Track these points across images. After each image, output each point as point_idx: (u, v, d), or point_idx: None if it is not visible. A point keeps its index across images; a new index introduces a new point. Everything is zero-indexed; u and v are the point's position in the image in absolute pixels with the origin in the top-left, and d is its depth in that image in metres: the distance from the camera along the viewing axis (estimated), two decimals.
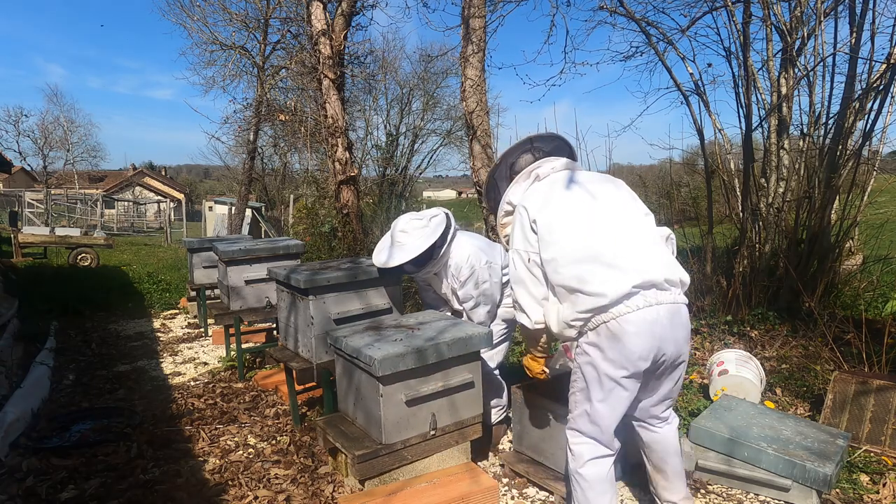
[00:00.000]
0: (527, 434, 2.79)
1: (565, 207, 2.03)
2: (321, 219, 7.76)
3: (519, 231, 2.06)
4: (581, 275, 1.90)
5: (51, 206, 22.56)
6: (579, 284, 1.90)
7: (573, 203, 2.04)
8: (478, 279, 2.89)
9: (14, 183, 33.16)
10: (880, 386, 2.97)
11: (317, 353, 3.03)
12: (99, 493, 2.64)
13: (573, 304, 1.93)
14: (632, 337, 1.85)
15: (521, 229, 2.06)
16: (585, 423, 2.03)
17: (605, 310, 1.86)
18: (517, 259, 2.07)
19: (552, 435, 2.63)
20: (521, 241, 2.06)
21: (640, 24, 5.67)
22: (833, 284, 4.68)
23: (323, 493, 2.63)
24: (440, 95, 18.18)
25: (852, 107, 4.34)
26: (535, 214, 2.03)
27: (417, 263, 2.83)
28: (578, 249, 1.93)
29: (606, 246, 1.92)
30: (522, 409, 2.79)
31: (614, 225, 1.98)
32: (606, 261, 1.90)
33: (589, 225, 1.97)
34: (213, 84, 11.41)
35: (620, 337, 1.86)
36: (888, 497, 2.54)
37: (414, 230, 2.85)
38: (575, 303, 1.92)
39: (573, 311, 1.92)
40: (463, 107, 5.44)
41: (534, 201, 2.08)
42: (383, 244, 3.00)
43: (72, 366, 4.69)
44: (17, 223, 12.48)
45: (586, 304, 1.88)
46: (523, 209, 2.07)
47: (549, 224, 2.00)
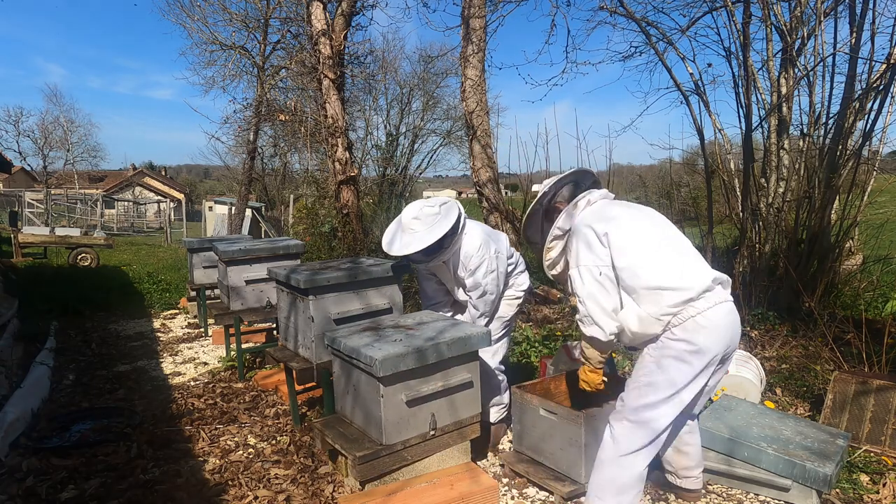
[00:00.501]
0: (527, 434, 2.78)
1: (632, 220, 2.22)
2: (321, 219, 7.76)
3: (585, 248, 2.17)
4: (664, 273, 2.07)
5: (51, 206, 22.57)
6: (664, 282, 2.06)
7: (637, 217, 2.25)
8: (487, 268, 2.88)
9: (14, 183, 33.16)
10: (880, 386, 2.97)
11: (317, 353, 3.03)
12: (99, 493, 2.64)
13: (658, 302, 2.06)
14: (718, 330, 2.06)
15: (588, 246, 2.16)
16: (642, 414, 2.12)
17: (691, 303, 2.04)
18: (586, 274, 2.15)
19: (552, 435, 2.63)
20: (589, 256, 2.15)
21: (640, 24, 5.68)
22: (833, 284, 4.68)
23: (323, 493, 2.63)
24: (440, 95, 18.21)
25: (852, 107, 4.34)
26: (604, 229, 2.16)
27: (428, 252, 2.78)
28: (655, 253, 2.12)
29: (679, 250, 2.17)
30: (523, 409, 2.78)
31: (675, 234, 2.24)
32: (683, 261, 2.13)
33: (657, 233, 2.19)
34: (213, 84, 11.42)
35: (708, 330, 2.04)
36: (888, 497, 2.54)
37: (426, 217, 2.79)
38: (659, 300, 2.06)
39: (660, 307, 2.06)
40: (463, 107, 5.44)
41: (597, 219, 2.21)
42: (393, 232, 2.93)
43: (72, 366, 4.69)
44: (17, 223, 12.48)
45: (674, 299, 2.04)
46: (587, 228, 2.18)
47: (621, 234, 2.14)
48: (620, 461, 2.16)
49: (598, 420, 2.48)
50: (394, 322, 2.79)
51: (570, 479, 2.57)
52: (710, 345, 2.05)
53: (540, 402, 2.68)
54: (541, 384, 2.94)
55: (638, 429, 2.14)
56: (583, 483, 2.48)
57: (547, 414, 2.64)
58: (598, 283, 2.14)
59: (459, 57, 5.54)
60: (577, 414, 2.48)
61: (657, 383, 2.11)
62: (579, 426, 2.47)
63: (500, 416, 3.20)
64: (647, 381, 2.13)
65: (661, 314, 2.06)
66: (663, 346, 2.10)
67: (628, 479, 2.16)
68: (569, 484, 2.55)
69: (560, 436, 2.58)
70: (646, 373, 2.14)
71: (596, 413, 2.51)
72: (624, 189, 16.46)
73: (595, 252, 2.14)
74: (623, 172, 14.63)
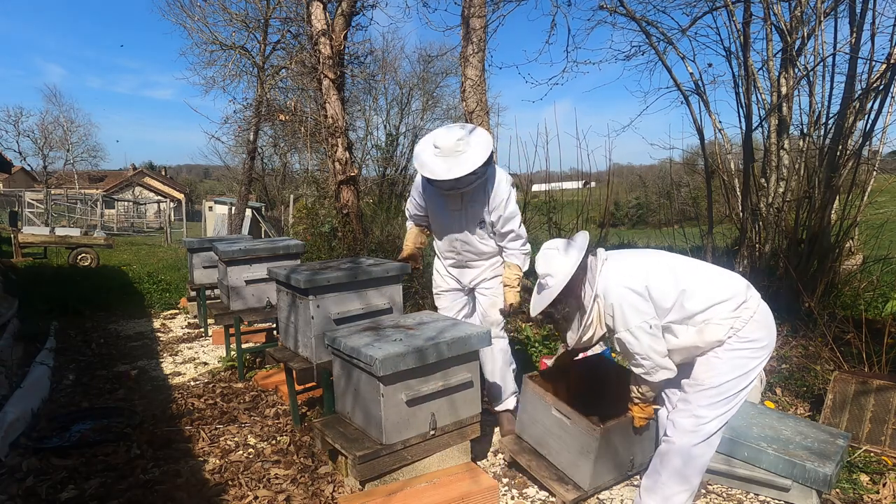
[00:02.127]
0: (532, 424, 2.74)
1: (655, 263, 2.29)
2: (321, 219, 7.76)
3: (630, 309, 2.18)
4: (711, 291, 2.18)
5: (51, 206, 22.56)
6: (715, 297, 2.17)
7: (655, 257, 2.34)
8: (514, 215, 2.88)
9: (14, 183, 33.15)
10: (880, 386, 2.97)
11: (317, 353, 3.03)
12: (99, 493, 2.64)
13: (717, 314, 2.16)
14: (771, 324, 2.23)
15: (633, 306, 2.18)
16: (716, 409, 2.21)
17: (744, 305, 2.16)
18: (640, 333, 2.18)
19: (561, 437, 2.59)
20: (636, 314, 2.18)
21: (641, 24, 5.68)
22: (833, 284, 4.68)
23: (323, 493, 2.63)
24: (440, 95, 18.20)
25: (852, 107, 4.34)
26: (641, 283, 2.20)
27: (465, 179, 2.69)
28: (694, 280, 2.21)
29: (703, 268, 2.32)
30: (532, 401, 2.73)
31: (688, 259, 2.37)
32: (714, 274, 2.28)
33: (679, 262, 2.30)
34: (213, 84, 11.42)
35: (766, 325, 2.21)
36: (888, 497, 2.54)
37: (466, 137, 2.72)
38: (717, 314, 2.16)
39: (722, 314, 2.16)
40: (463, 107, 5.44)
41: (626, 276, 2.23)
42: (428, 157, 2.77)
43: (72, 366, 4.69)
44: (17, 223, 12.47)
45: (730, 307, 2.16)
46: (624, 289, 2.20)
47: (659, 279, 2.21)
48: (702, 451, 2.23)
49: (613, 433, 2.49)
50: (394, 322, 2.79)
51: (573, 484, 2.53)
52: (770, 339, 2.23)
53: (553, 401, 2.63)
54: (551, 373, 2.90)
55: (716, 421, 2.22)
56: (586, 491, 2.48)
57: (559, 416, 2.59)
58: (651, 336, 2.19)
59: (459, 57, 5.54)
60: (594, 427, 2.44)
61: (730, 384, 2.19)
62: (595, 439, 2.43)
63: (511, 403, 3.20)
64: (718, 380, 2.19)
65: (723, 318, 2.16)
66: (733, 348, 2.18)
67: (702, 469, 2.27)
68: (573, 489, 2.51)
69: (571, 441, 2.54)
70: (716, 373, 2.20)
71: (612, 427, 2.48)
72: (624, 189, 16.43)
73: (641, 309, 2.18)
74: (623, 172, 14.65)
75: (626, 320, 2.19)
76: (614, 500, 2.61)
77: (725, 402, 2.22)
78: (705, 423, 2.21)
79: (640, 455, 2.67)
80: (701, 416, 2.21)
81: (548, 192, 7.23)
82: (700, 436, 2.21)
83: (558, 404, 2.61)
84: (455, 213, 2.95)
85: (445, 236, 3.08)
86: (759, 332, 2.19)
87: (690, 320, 2.19)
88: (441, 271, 3.24)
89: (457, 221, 2.97)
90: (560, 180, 7.93)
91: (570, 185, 7.74)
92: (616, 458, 2.57)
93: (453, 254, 3.11)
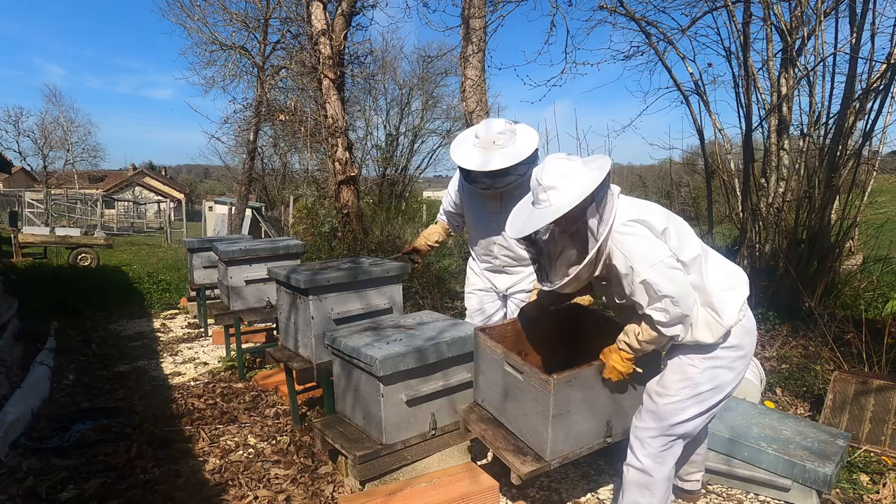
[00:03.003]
0: (489, 387, 2.32)
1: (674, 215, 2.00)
2: (321, 219, 7.77)
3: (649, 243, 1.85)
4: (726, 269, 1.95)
5: (51, 206, 22.56)
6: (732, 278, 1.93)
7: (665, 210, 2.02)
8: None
9: (14, 183, 33.15)
10: (880, 386, 2.97)
11: (317, 353, 3.03)
12: (99, 493, 2.64)
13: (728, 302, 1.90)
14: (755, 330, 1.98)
15: (651, 241, 1.85)
16: (685, 428, 2.03)
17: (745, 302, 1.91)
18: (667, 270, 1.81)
19: (517, 397, 2.17)
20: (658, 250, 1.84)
21: (640, 24, 5.68)
22: (833, 284, 4.68)
23: (323, 493, 2.63)
24: (440, 95, 18.19)
25: (852, 107, 4.34)
26: (663, 223, 1.91)
27: (502, 175, 2.54)
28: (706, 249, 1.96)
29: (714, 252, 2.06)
30: (483, 356, 2.31)
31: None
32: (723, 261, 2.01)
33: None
34: (213, 84, 11.41)
35: (751, 331, 1.96)
36: (888, 497, 2.54)
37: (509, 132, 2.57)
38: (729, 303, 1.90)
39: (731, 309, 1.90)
40: (463, 107, 5.44)
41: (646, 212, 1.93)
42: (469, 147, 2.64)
43: (72, 366, 4.68)
44: (17, 223, 12.47)
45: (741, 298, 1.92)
46: (638, 224, 1.87)
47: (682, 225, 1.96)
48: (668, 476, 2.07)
49: (574, 387, 2.03)
50: (394, 322, 2.79)
51: (532, 455, 2.12)
52: (751, 347, 1.99)
53: (504, 354, 2.18)
54: (511, 326, 2.44)
55: (676, 443, 2.05)
56: (548, 461, 2.07)
57: (512, 371, 2.15)
58: (678, 274, 1.82)
59: (459, 57, 5.54)
60: (545, 378, 1.98)
61: (703, 395, 1.99)
62: (548, 393, 1.98)
63: None
64: (689, 393, 1.99)
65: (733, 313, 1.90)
66: (714, 356, 1.96)
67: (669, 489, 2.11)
68: (531, 461, 2.09)
69: (527, 401, 2.11)
70: (690, 384, 1.99)
71: (573, 378, 2.02)
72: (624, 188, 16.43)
73: (658, 246, 1.84)
74: (623, 172, 14.64)
75: (647, 256, 1.81)
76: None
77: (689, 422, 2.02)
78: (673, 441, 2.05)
79: (621, 419, 2.23)
80: (669, 434, 2.03)
81: None
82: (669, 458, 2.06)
83: (509, 356, 2.17)
84: (494, 216, 2.75)
85: (483, 240, 2.89)
86: (746, 339, 2.00)
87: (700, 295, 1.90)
88: (475, 269, 3.06)
89: (496, 224, 2.75)
90: None
91: None
92: (585, 421, 2.12)
93: (490, 258, 2.92)
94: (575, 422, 2.08)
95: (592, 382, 2.10)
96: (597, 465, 2.89)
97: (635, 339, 1.96)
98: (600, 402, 2.14)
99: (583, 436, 2.13)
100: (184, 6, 10.94)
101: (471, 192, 2.83)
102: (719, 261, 2.02)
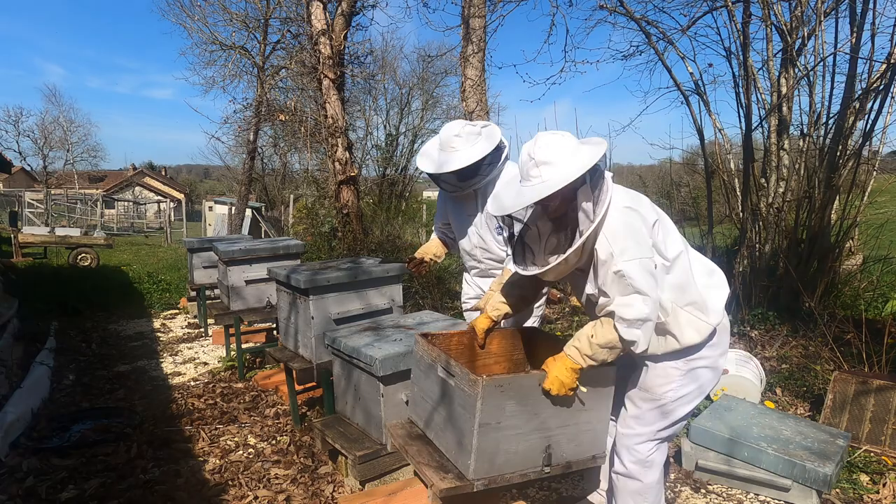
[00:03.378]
0: (422, 399, 2.02)
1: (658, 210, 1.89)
2: (321, 219, 7.78)
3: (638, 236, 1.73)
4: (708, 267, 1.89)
5: (51, 206, 22.56)
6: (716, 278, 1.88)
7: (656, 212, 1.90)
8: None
9: (14, 183, 33.15)
10: (880, 386, 2.97)
11: (317, 353, 3.03)
12: (99, 493, 2.64)
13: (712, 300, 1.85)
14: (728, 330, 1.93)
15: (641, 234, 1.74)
16: (671, 431, 1.98)
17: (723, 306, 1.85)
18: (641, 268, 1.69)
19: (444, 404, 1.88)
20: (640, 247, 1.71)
21: (640, 24, 5.68)
22: (833, 284, 4.68)
23: (323, 493, 2.63)
24: (440, 95, 18.21)
25: (852, 107, 4.34)
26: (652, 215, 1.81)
27: (463, 177, 2.59)
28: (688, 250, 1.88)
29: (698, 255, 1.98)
30: (423, 363, 2.00)
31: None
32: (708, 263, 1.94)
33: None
34: (213, 84, 11.43)
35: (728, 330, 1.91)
36: (888, 497, 2.54)
37: (468, 136, 2.60)
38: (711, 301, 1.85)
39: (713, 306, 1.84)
40: (463, 107, 5.44)
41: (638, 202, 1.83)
42: (430, 150, 2.71)
43: (72, 366, 4.69)
44: (17, 223, 12.47)
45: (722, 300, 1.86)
46: (631, 211, 1.76)
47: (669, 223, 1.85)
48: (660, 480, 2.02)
49: (507, 395, 1.71)
50: (394, 322, 2.79)
51: (455, 472, 1.79)
52: (728, 345, 1.97)
53: (439, 356, 1.89)
54: (458, 337, 2.13)
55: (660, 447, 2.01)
56: (471, 480, 1.73)
57: (444, 375, 1.85)
58: (653, 278, 1.71)
59: (459, 57, 5.55)
60: (473, 378, 1.68)
61: (687, 397, 1.94)
62: (475, 396, 1.67)
63: None
64: (674, 395, 1.92)
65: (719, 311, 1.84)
66: (698, 357, 1.90)
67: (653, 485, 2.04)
68: (451, 478, 1.76)
69: (455, 410, 1.80)
70: (674, 387, 1.91)
71: (505, 383, 1.70)
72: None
73: (644, 243, 1.73)
74: (623, 172, 14.63)
75: (634, 247, 1.71)
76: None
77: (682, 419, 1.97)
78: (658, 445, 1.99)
79: (562, 449, 1.84)
80: (655, 438, 1.98)
81: None
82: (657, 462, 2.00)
83: (443, 358, 1.86)
84: (471, 219, 2.80)
85: (465, 243, 2.91)
86: (724, 334, 1.96)
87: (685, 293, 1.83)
88: (468, 279, 3.07)
89: (474, 227, 2.81)
90: None
91: None
92: (518, 440, 1.77)
93: (475, 262, 2.93)
94: (506, 438, 1.75)
95: (530, 394, 1.75)
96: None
97: (587, 343, 1.74)
98: (539, 421, 1.78)
99: (515, 458, 1.77)
100: (184, 6, 10.97)
101: (448, 198, 2.89)
102: (700, 258, 1.97)
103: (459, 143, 2.57)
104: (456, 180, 2.63)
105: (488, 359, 2.18)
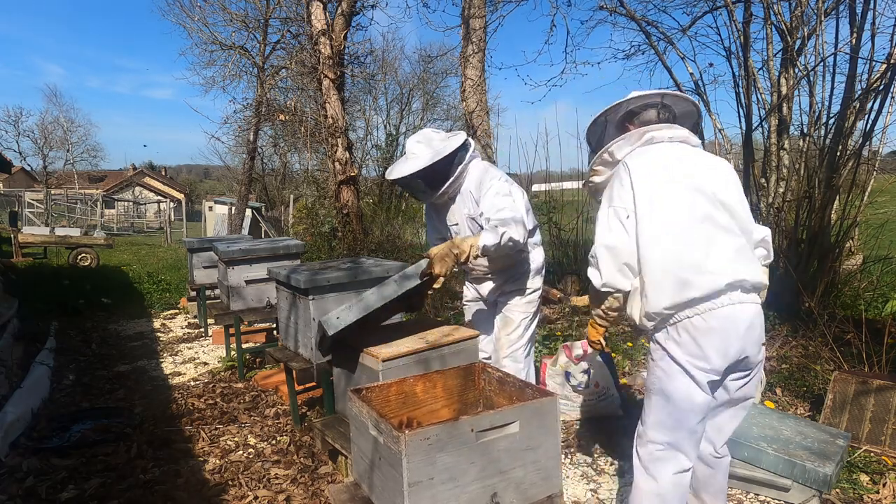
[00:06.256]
0: (361, 458, 1.89)
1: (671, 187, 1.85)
2: (321, 219, 7.78)
3: (619, 187, 1.88)
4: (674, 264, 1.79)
5: (51, 206, 22.57)
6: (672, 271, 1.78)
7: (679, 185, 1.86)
8: (499, 190, 2.60)
9: (14, 183, 33.16)
10: (880, 386, 2.97)
11: (317, 353, 3.03)
12: (99, 493, 2.64)
13: (658, 294, 1.79)
14: (715, 333, 1.77)
15: (621, 185, 1.88)
16: (663, 431, 1.86)
17: (691, 305, 1.76)
18: (613, 217, 1.86)
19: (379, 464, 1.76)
20: (620, 199, 1.87)
21: (641, 24, 5.68)
22: (833, 284, 4.68)
23: (323, 493, 2.64)
24: (440, 95, 18.24)
25: (852, 107, 4.34)
26: (639, 182, 1.85)
27: (431, 182, 2.62)
28: (674, 235, 1.80)
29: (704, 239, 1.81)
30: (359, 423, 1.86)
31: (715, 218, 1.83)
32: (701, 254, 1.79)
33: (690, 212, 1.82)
34: (213, 84, 11.44)
35: (702, 332, 1.77)
36: (888, 497, 2.54)
37: (428, 141, 2.66)
38: (660, 293, 1.79)
39: (659, 301, 1.79)
40: (463, 107, 5.45)
41: (640, 165, 1.88)
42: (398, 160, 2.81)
43: (72, 366, 4.69)
44: (17, 223, 12.48)
45: (674, 299, 1.77)
46: (626, 170, 1.88)
47: (649, 198, 1.83)
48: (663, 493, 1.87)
49: (437, 447, 1.58)
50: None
51: None
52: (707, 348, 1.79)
53: (369, 413, 1.75)
54: (396, 386, 2.00)
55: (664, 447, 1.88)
56: None
57: (375, 433, 1.72)
58: (623, 227, 1.84)
59: (459, 57, 5.55)
60: (396, 434, 1.56)
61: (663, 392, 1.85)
62: (399, 454, 1.56)
63: None
64: (655, 388, 1.86)
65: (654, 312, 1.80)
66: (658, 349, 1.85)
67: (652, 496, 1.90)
68: None
69: (387, 469, 1.67)
70: (651, 381, 1.88)
71: (431, 435, 1.57)
72: None
73: (623, 198, 1.86)
74: None
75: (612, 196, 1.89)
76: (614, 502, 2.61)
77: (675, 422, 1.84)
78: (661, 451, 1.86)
79: (510, 495, 1.72)
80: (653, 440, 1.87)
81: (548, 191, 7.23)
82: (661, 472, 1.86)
83: (373, 416, 1.72)
84: (455, 228, 2.84)
85: None
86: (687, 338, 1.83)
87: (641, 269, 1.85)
88: (467, 284, 3.11)
89: (458, 233, 2.83)
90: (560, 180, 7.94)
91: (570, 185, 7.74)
92: (459, 495, 1.63)
93: (468, 268, 2.93)
94: (443, 495, 1.60)
95: (465, 441, 1.62)
96: (597, 464, 2.89)
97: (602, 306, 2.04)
98: (477, 470, 1.65)
99: None
100: (184, 6, 10.99)
101: (434, 215, 2.96)
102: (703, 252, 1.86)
103: (420, 149, 2.67)
104: (425, 186, 2.68)
105: (436, 403, 2.06)
